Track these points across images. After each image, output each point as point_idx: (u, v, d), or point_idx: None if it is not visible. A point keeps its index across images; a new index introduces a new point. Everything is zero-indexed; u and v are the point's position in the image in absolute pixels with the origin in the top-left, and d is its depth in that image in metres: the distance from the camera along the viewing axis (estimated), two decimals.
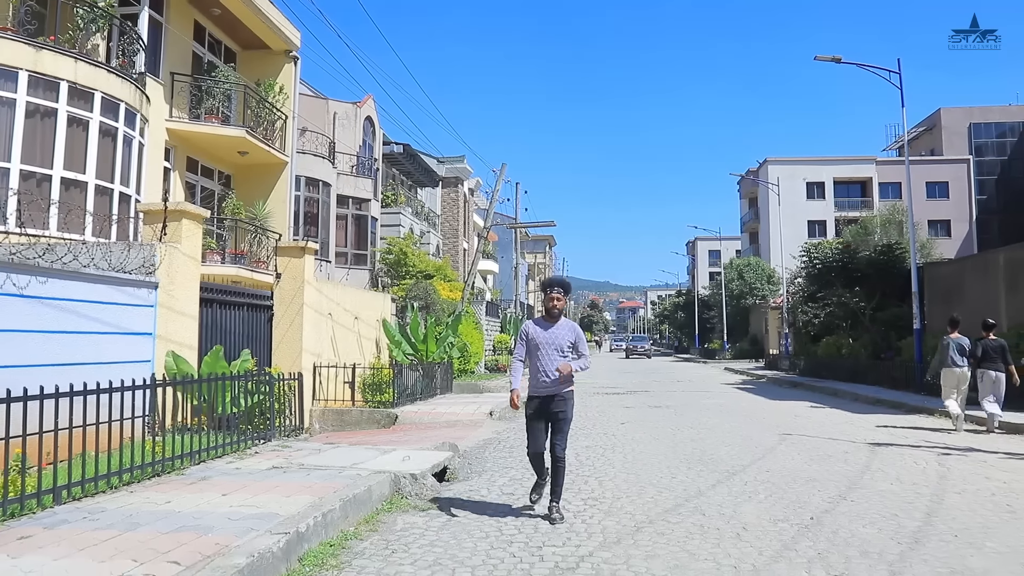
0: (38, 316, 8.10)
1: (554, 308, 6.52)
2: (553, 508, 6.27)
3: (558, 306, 6.53)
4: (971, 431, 12.29)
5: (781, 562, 5.03)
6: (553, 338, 6.43)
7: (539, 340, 6.45)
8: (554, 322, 6.53)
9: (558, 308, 6.53)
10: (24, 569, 4.42)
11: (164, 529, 5.27)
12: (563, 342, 6.43)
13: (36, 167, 13.43)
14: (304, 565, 4.99)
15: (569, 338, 6.48)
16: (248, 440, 9.39)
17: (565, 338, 6.45)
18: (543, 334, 6.46)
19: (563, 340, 6.44)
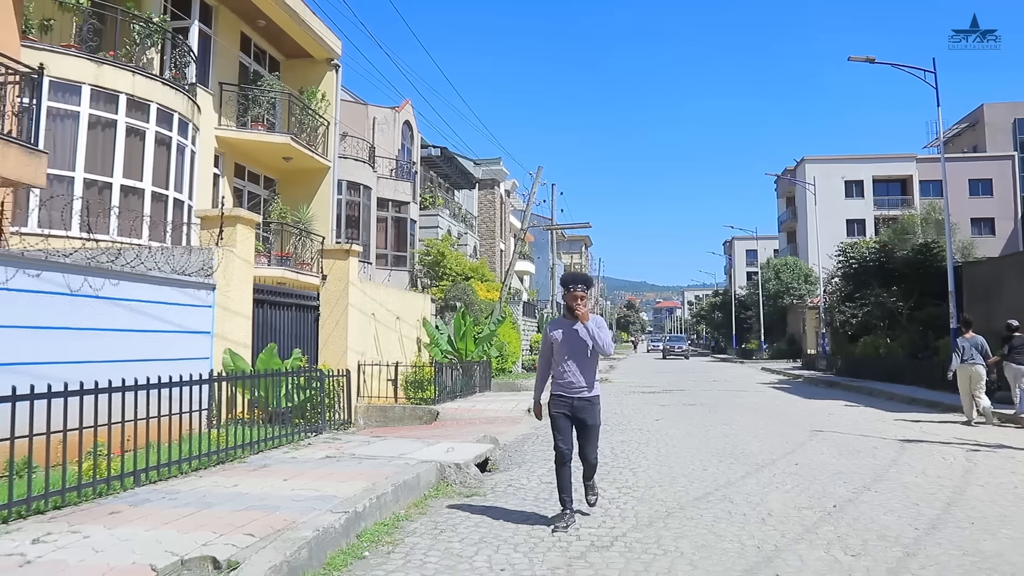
0: (111, 315, 8.73)
1: (577, 308, 6.11)
2: (589, 491, 6.27)
3: (580, 303, 6.11)
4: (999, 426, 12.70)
5: (802, 543, 5.41)
6: (577, 336, 6.08)
7: (562, 340, 6.12)
8: (575, 320, 6.13)
9: (580, 307, 6.10)
10: (120, 538, 4.98)
11: (235, 508, 5.82)
12: (587, 338, 6.06)
13: (98, 175, 14.19)
14: (362, 541, 5.49)
15: (592, 332, 6.07)
16: (301, 433, 9.96)
17: (588, 334, 6.08)
18: (566, 334, 6.12)
19: (587, 336, 6.07)
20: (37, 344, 7.71)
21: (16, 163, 10.05)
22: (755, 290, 56.24)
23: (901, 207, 56.25)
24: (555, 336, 6.19)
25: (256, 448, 8.66)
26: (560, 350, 6.14)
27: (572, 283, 6.18)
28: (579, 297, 6.11)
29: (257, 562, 4.51)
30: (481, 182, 42.89)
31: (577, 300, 6.11)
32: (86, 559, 4.61)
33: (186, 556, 4.59)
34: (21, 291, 7.49)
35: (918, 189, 58.05)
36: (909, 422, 13.45)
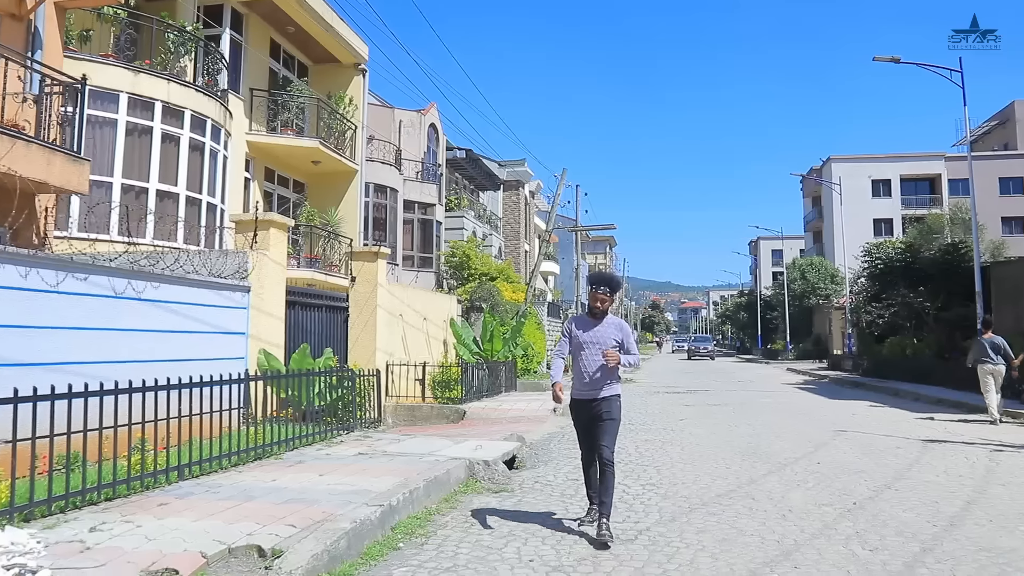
0: (151, 317, 9.08)
1: (597, 307, 6.06)
2: (602, 524, 5.58)
3: (602, 307, 6.06)
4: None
5: (821, 538, 5.59)
6: (597, 337, 5.97)
7: (583, 339, 6.00)
8: (598, 321, 6.05)
9: (602, 308, 6.06)
10: (170, 527, 5.28)
11: (276, 500, 6.10)
12: (608, 341, 5.94)
13: (134, 180, 14.59)
14: (396, 533, 5.74)
15: (615, 336, 5.99)
16: (333, 431, 10.25)
17: (610, 336, 5.98)
18: (587, 333, 6.01)
19: (608, 339, 5.96)
20: (84, 344, 8.05)
21: (62, 171, 10.43)
22: (781, 290, 55.99)
23: (930, 206, 55.68)
24: (576, 333, 6.09)
25: (291, 445, 8.97)
26: (579, 348, 6.02)
27: (596, 284, 6.11)
28: (599, 299, 6.03)
29: (300, 550, 4.78)
30: (505, 183, 43.13)
31: (597, 302, 6.05)
32: (140, 546, 4.90)
33: (233, 544, 4.86)
34: (70, 294, 7.84)
35: (947, 188, 57.45)
36: (934, 422, 13.50)
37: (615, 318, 6.18)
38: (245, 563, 4.71)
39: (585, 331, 6.04)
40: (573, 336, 6.10)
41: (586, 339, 6.00)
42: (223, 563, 4.68)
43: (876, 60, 21.12)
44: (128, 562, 4.62)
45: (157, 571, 4.48)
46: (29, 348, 7.33)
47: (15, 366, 7.01)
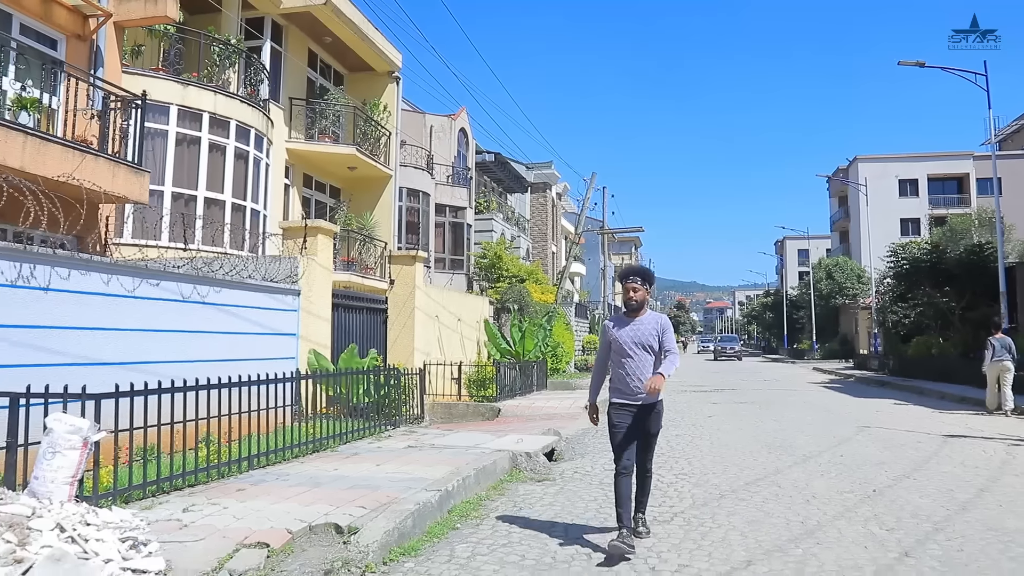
0: (214, 319, 9.76)
1: (631, 300, 5.70)
2: (639, 520, 5.59)
3: (636, 298, 5.67)
4: None
5: (841, 520, 6.10)
6: (637, 335, 5.59)
7: (622, 339, 5.63)
8: (635, 316, 5.69)
9: (636, 300, 5.67)
10: (252, 509, 5.91)
11: (341, 487, 6.72)
12: (649, 338, 5.57)
13: (184, 189, 15.34)
14: (452, 515, 6.33)
15: (655, 332, 5.60)
16: (380, 426, 10.89)
17: (651, 333, 5.59)
18: (624, 332, 5.64)
19: (649, 335, 5.58)
20: (157, 345, 8.72)
21: (125, 181, 11.16)
22: (807, 290, 56.04)
23: (958, 206, 55.43)
24: (613, 333, 5.71)
25: (344, 439, 9.61)
26: (618, 349, 5.64)
27: (625, 275, 5.81)
28: (631, 289, 5.69)
29: (373, 528, 5.37)
30: (533, 186, 43.69)
31: (629, 292, 5.71)
32: (230, 524, 5.53)
33: (313, 523, 5.47)
34: (144, 298, 8.51)
35: (975, 187, 57.13)
36: (956, 419, 13.88)
37: (655, 313, 5.77)
38: (325, 539, 5.31)
39: (622, 329, 5.67)
40: (611, 336, 5.72)
41: (625, 338, 5.61)
42: (306, 538, 5.29)
43: (901, 64, 21.43)
44: (224, 537, 5.25)
45: (251, 544, 5.10)
46: (112, 348, 8.01)
47: (100, 365, 7.69)
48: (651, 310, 5.82)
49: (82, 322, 7.64)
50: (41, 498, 5.21)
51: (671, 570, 4.85)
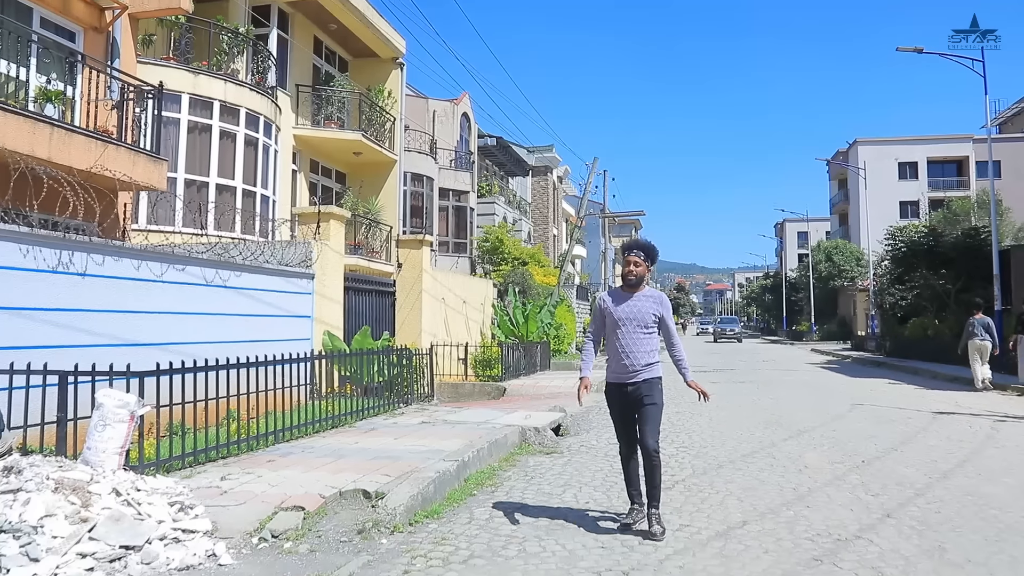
0: (234, 302, 10.20)
1: (630, 275, 5.43)
2: (653, 517, 5.16)
3: (636, 272, 5.40)
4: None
5: (831, 487, 6.57)
6: (634, 311, 5.34)
7: (617, 315, 5.37)
8: (633, 292, 5.43)
9: (636, 275, 5.40)
10: (284, 477, 6.38)
11: (364, 458, 7.18)
12: (646, 316, 5.33)
13: (196, 175, 15.75)
14: (469, 483, 6.80)
15: (654, 311, 5.36)
16: (394, 404, 11.35)
17: (649, 311, 5.34)
18: (621, 308, 5.38)
19: (646, 314, 5.33)
20: (182, 326, 9.17)
21: (144, 169, 11.55)
22: (806, 272, 56.45)
23: (957, 189, 55.73)
24: (608, 308, 5.46)
25: (361, 415, 10.07)
26: (612, 325, 5.41)
27: (629, 249, 5.53)
28: (632, 263, 5.42)
29: (399, 493, 5.84)
30: (534, 169, 44.02)
31: (630, 266, 5.44)
32: (266, 490, 6.00)
33: (343, 489, 5.93)
34: (171, 283, 8.95)
35: (974, 170, 57.41)
36: (946, 396, 14.36)
37: (654, 291, 5.54)
38: (354, 503, 5.77)
39: (619, 304, 5.40)
40: (606, 312, 5.46)
41: (621, 314, 5.36)
42: (337, 503, 5.75)
43: (899, 50, 21.74)
44: (262, 501, 5.72)
45: (288, 508, 5.57)
46: (143, 329, 8.46)
47: (133, 346, 8.13)
48: (649, 287, 5.57)
49: (116, 305, 8.08)
50: (94, 467, 5.67)
51: (672, 530, 5.31)
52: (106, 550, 4.75)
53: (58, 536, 4.75)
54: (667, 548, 4.91)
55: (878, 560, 4.60)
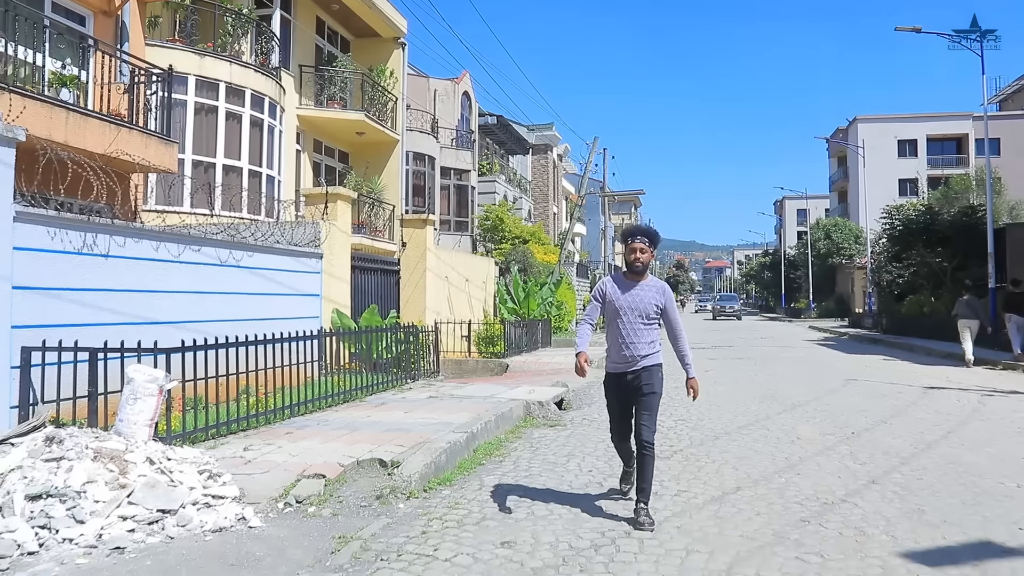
0: (247, 282, 10.51)
1: (637, 262, 5.22)
2: (640, 510, 4.97)
3: (642, 259, 5.22)
4: None
5: (821, 456, 6.94)
6: (637, 301, 5.22)
7: (619, 303, 5.25)
8: (638, 280, 5.28)
9: (642, 262, 5.23)
10: (303, 448, 6.74)
11: (377, 430, 7.54)
12: (649, 307, 5.21)
13: (203, 156, 16.00)
14: (478, 454, 7.17)
15: (657, 302, 5.25)
16: (401, 379, 11.72)
17: (651, 301, 5.23)
18: (624, 296, 5.25)
19: (648, 305, 5.21)
20: (197, 305, 9.49)
21: (156, 152, 11.82)
22: (805, 250, 56.71)
23: (956, 166, 55.91)
24: (610, 295, 5.32)
25: (371, 391, 10.44)
26: (613, 313, 5.29)
27: (631, 235, 5.36)
28: (638, 250, 5.23)
29: (413, 462, 6.20)
30: (534, 147, 44.16)
31: (636, 254, 5.24)
32: (287, 460, 6.36)
33: (359, 458, 6.29)
34: (187, 263, 9.26)
35: (974, 148, 57.50)
36: (939, 373, 14.73)
37: (657, 280, 5.42)
38: (372, 472, 6.13)
39: (622, 292, 5.28)
40: (608, 299, 5.32)
41: (624, 303, 5.24)
42: (356, 471, 6.10)
43: (898, 30, 21.91)
44: (284, 470, 6.08)
45: (309, 475, 5.93)
46: (160, 308, 8.78)
47: (153, 324, 8.46)
48: (652, 275, 5.42)
49: (136, 285, 8.40)
50: (126, 438, 6.02)
51: (671, 494, 5.69)
52: (144, 513, 5.11)
53: (100, 500, 5.11)
54: (665, 511, 5.28)
55: (861, 521, 4.97)
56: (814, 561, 4.25)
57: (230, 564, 4.41)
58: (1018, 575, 4.04)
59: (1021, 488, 5.77)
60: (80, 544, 4.72)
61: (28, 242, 6.86)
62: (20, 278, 6.71)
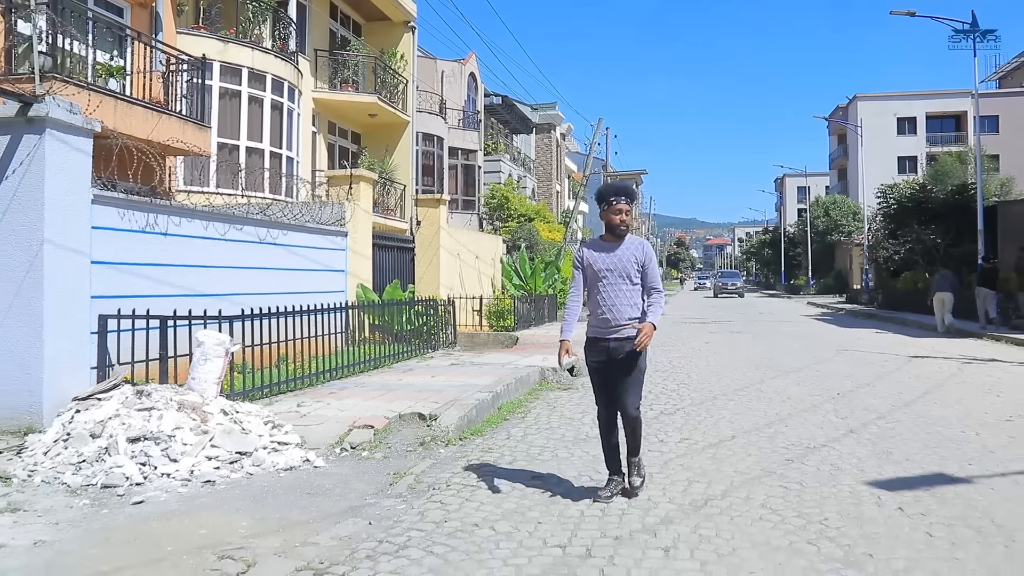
0: (282, 258, 11.35)
1: (621, 224, 5.00)
2: (632, 465, 5.01)
3: (626, 220, 5.02)
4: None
5: (807, 413, 7.83)
6: (618, 262, 4.97)
7: (599, 266, 5.01)
8: (619, 242, 5.04)
9: (626, 224, 5.02)
10: (349, 405, 7.63)
11: (412, 391, 8.43)
12: (629, 267, 4.95)
13: (227, 139, 16.79)
14: (502, 411, 8.05)
15: (636, 259, 4.99)
16: (422, 350, 12.60)
17: (631, 260, 4.97)
18: (605, 258, 5.01)
19: (628, 264, 4.96)
20: (240, 279, 10.31)
21: (192, 136, 12.63)
22: (804, 227, 57.48)
23: (955, 143, 56.46)
24: (590, 260, 5.07)
25: (397, 358, 11.33)
26: (593, 276, 5.06)
27: (613, 195, 5.02)
28: (623, 211, 4.98)
29: (449, 415, 7.08)
30: (538, 127, 44.82)
31: (619, 215, 4.98)
32: (337, 414, 7.24)
33: (402, 412, 7.17)
34: (231, 240, 10.10)
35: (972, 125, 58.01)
36: (926, 344, 15.61)
37: (635, 238, 5.14)
38: (413, 423, 7.01)
39: (604, 255, 5.03)
40: (588, 265, 5.08)
41: (604, 266, 4.99)
42: (399, 423, 6.99)
43: (893, 14, 22.56)
44: (336, 422, 6.97)
45: (359, 426, 6.81)
46: (208, 281, 9.60)
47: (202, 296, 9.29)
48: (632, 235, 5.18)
49: (188, 260, 9.23)
50: (199, 394, 6.89)
51: (675, 441, 6.58)
52: (225, 455, 6.00)
53: (187, 443, 6.00)
54: (670, 454, 6.16)
55: (837, 460, 5.85)
56: (795, 488, 5.13)
57: (306, 493, 5.29)
58: (960, 495, 4.91)
59: (979, 435, 6.66)
60: (176, 478, 5.61)
61: (102, 222, 7.68)
62: (96, 254, 7.55)
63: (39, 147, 6.84)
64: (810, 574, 3.70)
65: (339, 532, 4.42)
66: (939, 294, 19.17)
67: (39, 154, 6.84)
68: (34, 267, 6.85)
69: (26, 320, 6.82)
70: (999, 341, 15.92)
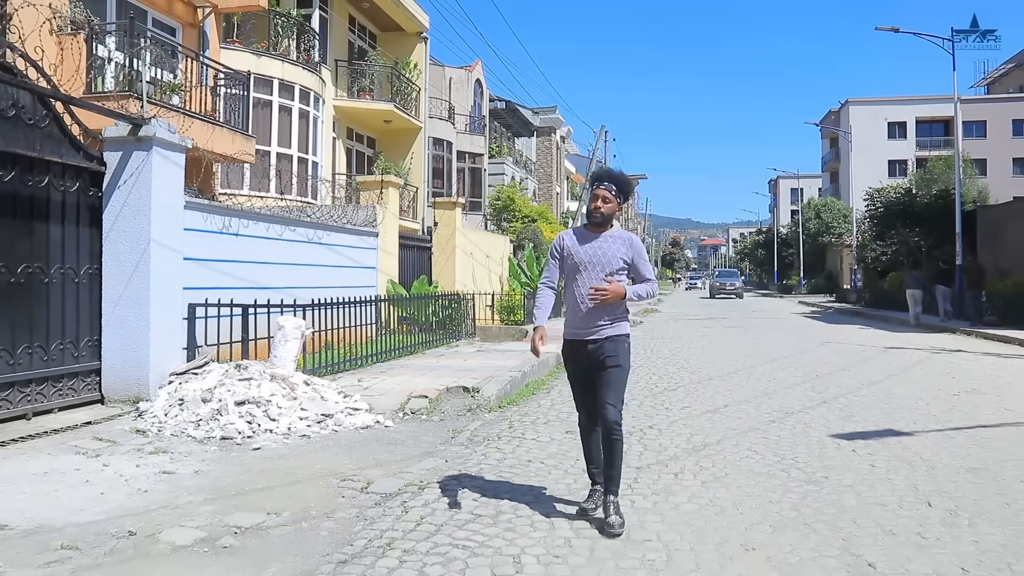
0: (326, 256, 12.71)
1: (596, 212, 4.56)
2: (609, 504, 4.34)
3: (603, 209, 4.54)
4: None
5: (790, 390, 9.24)
6: (599, 255, 4.50)
7: (579, 257, 4.54)
8: (600, 231, 4.60)
9: (603, 212, 4.55)
10: (400, 381, 9.03)
11: (450, 371, 9.81)
12: (613, 261, 4.49)
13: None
14: (529, 387, 9.45)
15: (623, 255, 4.53)
16: (448, 339, 13.98)
17: (617, 255, 4.51)
18: (583, 249, 4.56)
19: (614, 258, 4.50)
20: (293, 275, 11.67)
21: (239, 145, 13.99)
22: (797, 228, 59.00)
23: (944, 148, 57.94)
24: (568, 248, 4.62)
25: (428, 346, 12.72)
26: (572, 268, 4.58)
27: (597, 180, 4.67)
28: (600, 197, 4.54)
29: (489, 388, 8.47)
30: (539, 130, 46.23)
31: (597, 202, 4.56)
32: (393, 387, 8.63)
33: (448, 386, 8.55)
34: (286, 240, 11.46)
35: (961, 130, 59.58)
36: (901, 336, 17.06)
37: (624, 232, 4.74)
38: (459, 394, 8.38)
39: (582, 245, 4.58)
40: (566, 254, 4.62)
41: (583, 257, 4.53)
42: (447, 394, 8.36)
43: (878, 29, 24.02)
44: (395, 393, 8.35)
45: (416, 396, 8.19)
46: (267, 277, 10.97)
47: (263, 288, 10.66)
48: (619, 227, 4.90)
49: (252, 257, 10.60)
50: (281, 369, 8.26)
51: (678, 408, 7.99)
52: (313, 416, 7.37)
53: (281, 407, 7.36)
54: (673, 417, 7.56)
55: (809, 420, 7.27)
56: (774, 439, 6.54)
57: (386, 443, 6.66)
58: (901, 442, 6.32)
59: (928, 405, 8.08)
60: (277, 433, 6.97)
61: (191, 224, 9.04)
62: (187, 252, 8.91)
63: (147, 161, 8.18)
64: (781, 488, 5.10)
65: (424, 466, 5.80)
66: (910, 291, 22.30)
67: (147, 167, 8.18)
68: (142, 263, 8.20)
69: (134, 308, 8.16)
70: (970, 336, 17.36)
